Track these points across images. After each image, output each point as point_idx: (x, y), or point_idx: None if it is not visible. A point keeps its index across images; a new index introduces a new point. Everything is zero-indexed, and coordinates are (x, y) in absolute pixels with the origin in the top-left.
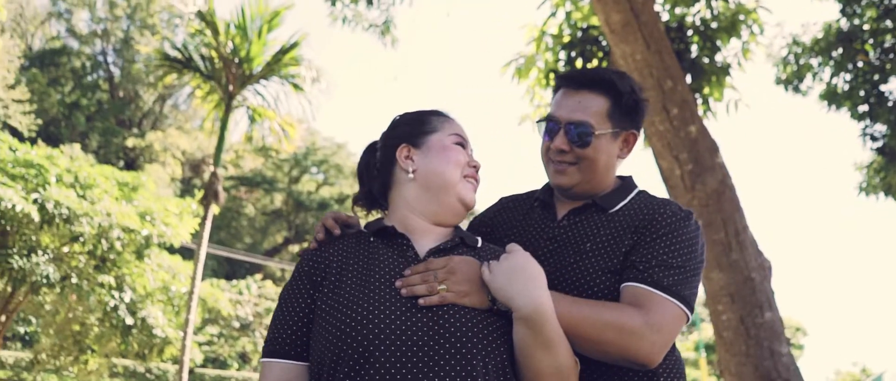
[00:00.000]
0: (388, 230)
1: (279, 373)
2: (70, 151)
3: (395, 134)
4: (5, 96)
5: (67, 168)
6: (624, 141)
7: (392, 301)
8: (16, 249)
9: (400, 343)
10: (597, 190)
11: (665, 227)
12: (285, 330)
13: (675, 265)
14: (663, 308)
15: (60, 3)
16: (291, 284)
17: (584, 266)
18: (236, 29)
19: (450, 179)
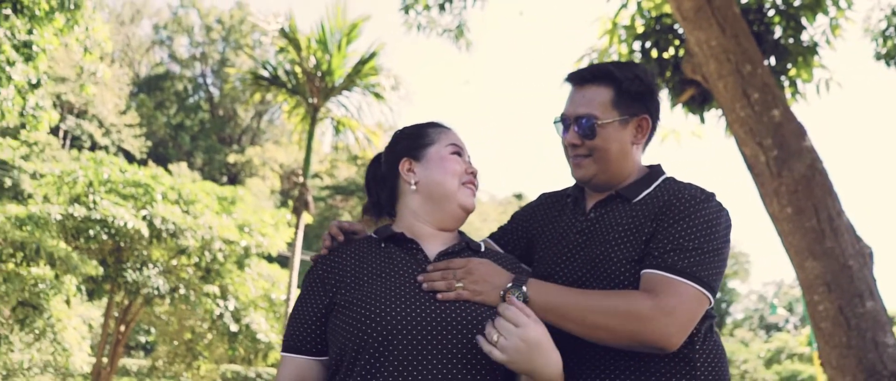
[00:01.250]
0: (398, 237)
1: (296, 366)
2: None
3: (397, 149)
4: (118, 122)
5: (171, 186)
6: (637, 127)
7: (409, 296)
8: (130, 263)
9: (416, 332)
10: (617, 179)
11: (680, 210)
12: (302, 328)
13: (690, 248)
14: (675, 290)
15: (162, 32)
16: (307, 286)
17: (611, 257)
18: (317, 44)
19: (449, 188)
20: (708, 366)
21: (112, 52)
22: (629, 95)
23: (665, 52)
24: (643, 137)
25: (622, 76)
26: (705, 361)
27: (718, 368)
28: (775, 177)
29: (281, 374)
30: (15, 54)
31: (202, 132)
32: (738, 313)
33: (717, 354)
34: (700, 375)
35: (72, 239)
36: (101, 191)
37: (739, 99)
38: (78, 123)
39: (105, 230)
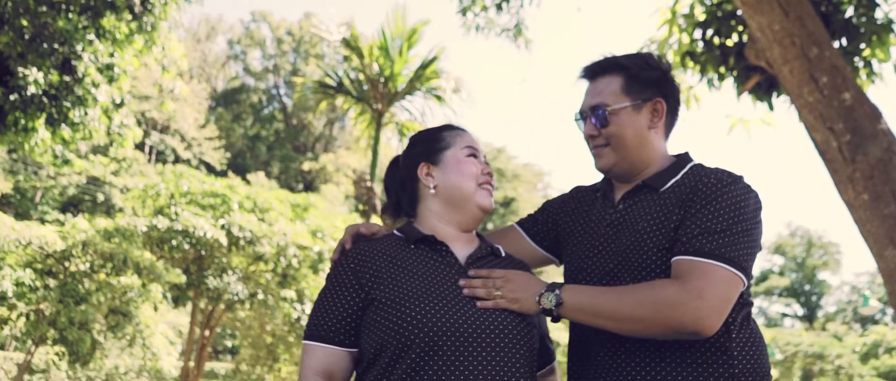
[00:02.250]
0: (429, 239)
1: (325, 355)
2: (255, 180)
3: (414, 153)
4: (198, 135)
5: (247, 195)
6: (652, 111)
7: (454, 299)
8: (210, 271)
9: (464, 333)
10: (638, 166)
11: (707, 194)
12: (331, 318)
13: (717, 230)
14: (704, 273)
15: (236, 47)
16: (337, 279)
17: (641, 247)
18: (379, 50)
19: (467, 190)
20: (745, 355)
21: (189, 69)
22: (640, 81)
23: (727, 39)
24: (659, 121)
25: (630, 63)
26: (742, 350)
27: (756, 357)
28: (849, 163)
29: (308, 363)
30: (99, 77)
31: (277, 142)
32: (829, 306)
33: (754, 342)
34: (737, 364)
35: (157, 249)
36: (181, 202)
37: (807, 83)
38: (161, 138)
39: (187, 240)
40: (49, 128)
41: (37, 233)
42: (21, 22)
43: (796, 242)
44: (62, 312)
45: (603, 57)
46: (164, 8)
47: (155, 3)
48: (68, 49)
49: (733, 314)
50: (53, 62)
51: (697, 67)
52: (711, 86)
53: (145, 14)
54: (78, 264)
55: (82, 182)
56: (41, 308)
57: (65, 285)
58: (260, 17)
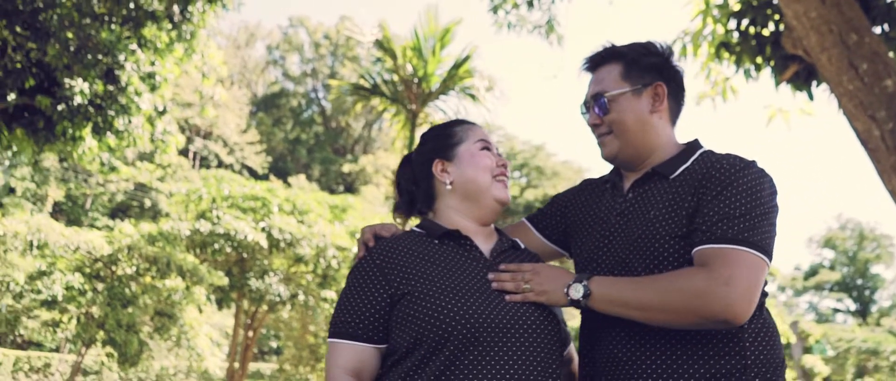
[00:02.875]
0: (453, 234)
1: (355, 353)
2: (296, 183)
3: (427, 150)
4: (240, 140)
5: (286, 198)
6: (653, 95)
7: (485, 293)
8: (252, 272)
9: (500, 326)
10: (643, 152)
11: (721, 181)
12: (359, 315)
13: (737, 215)
14: (729, 259)
15: (275, 52)
16: (363, 276)
17: (652, 235)
18: (412, 51)
19: (483, 184)
20: (758, 345)
21: (230, 75)
22: (640, 66)
23: (763, 28)
24: (661, 105)
25: (629, 50)
26: (755, 339)
27: (769, 347)
28: (892, 151)
29: (337, 361)
30: (142, 85)
31: (317, 145)
32: (884, 301)
33: (767, 332)
34: (749, 354)
35: (200, 252)
36: (223, 206)
37: (846, 71)
38: (205, 143)
39: (228, 243)
40: (95, 136)
41: (85, 238)
42: (66, 34)
43: (847, 235)
44: (110, 314)
45: (602, 47)
46: (203, 16)
47: (193, 12)
48: (112, 59)
49: None
50: (98, 72)
51: (733, 58)
52: (748, 77)
53: (184, 23)
54: (124, 267)
55: (130, 189)
56: (90, 311)
57: (112, 289)
58: (297, 22)
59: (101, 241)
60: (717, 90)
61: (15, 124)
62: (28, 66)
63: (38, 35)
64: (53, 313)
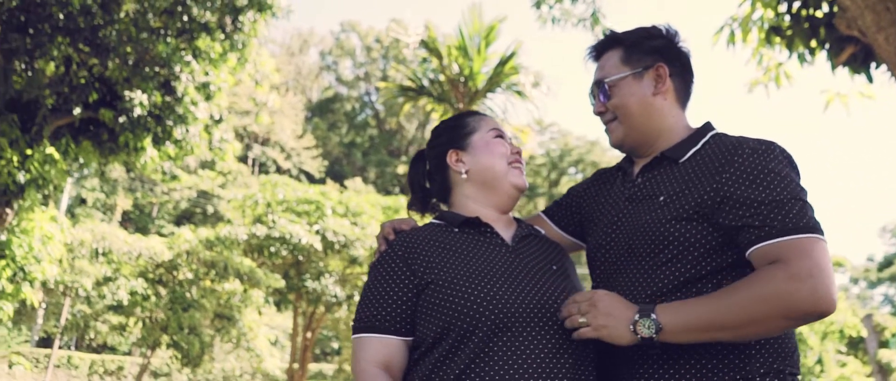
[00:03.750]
0: (473, 221)
1: (384, 346)
2: (353, 185)
3: (441, 142)
4: (297, 145)
5: (339, 200)
6: (655, 77)
7: (511, 279)
8: (309, 274)
9: (530, 312)
10: (650, 137)
11: (752, 168)
12: (385, 308)
13: (781, 200)
14: (802, 251)
15: (328, 58)
16: (385, 267)
17: (659, 220)
18: (457, 50)
19: (499, 170)
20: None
21: (285, 82)
22: (639, 50)
23: (815, 10)
24: (664, 86)
25: (629, 35)
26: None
27: (781, 340)
28: None
29: (365, 355)
30: (197, 95)
31: (372, 147)
32: None
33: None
34: (753, 341)
35: (258, 256)
36: (278, 210)
37: None
38: (263, 150)
39: (284, 246)
40: (155, 146)
41: (146, 245)
42: (125, 49)
43: None
44: (172, 318)
45: (604, 35)
46: (253, 25)
47: (244, 22)
48: (168, 71)
49: None
50: (155, 84)
51: (784, 42)
52: (803, 61)
53: (236, 33)
54: (185, 272)
55: (193, 196)
56: (154, 315)
57: (174, 293)
58: (349, 26)
59: (161, 247)
60: (770, 76)
61: (81, 137)
62: (91, 81)
63: (99, 51)
64: (120, 317)
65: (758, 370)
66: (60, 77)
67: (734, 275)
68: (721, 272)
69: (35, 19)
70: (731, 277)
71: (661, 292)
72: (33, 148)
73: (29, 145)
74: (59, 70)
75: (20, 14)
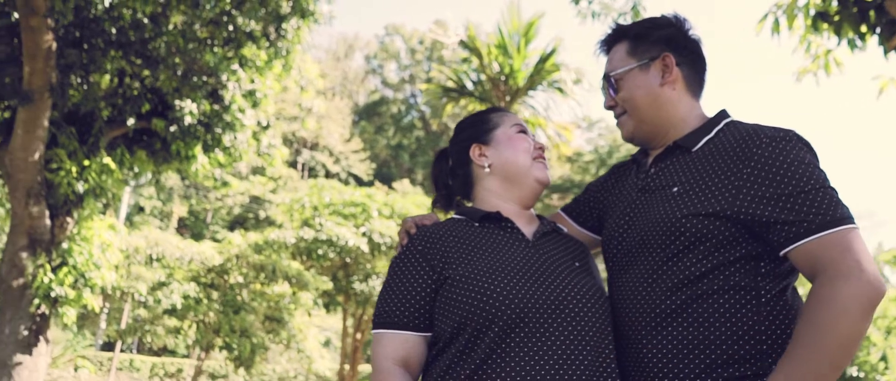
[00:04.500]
0: (493, 216)
1: (402, 342)
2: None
3: (464, 137)
4: (345, 149)
5: (384, 202)
6: (662, 67)
7: (529, 274)
8: (356, 276)
9: (546, 307)
10: (661, 128)
11: (773, 160)
12: (404, 303)
13: (808, 190)
14: (840, 247)
15: (373, 61)
16: (405, 262)
17: (671, 211)
18: (497, 48)
19: (523, 164)
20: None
21: (332, 87)
22: (646, 41)
23: None
24: (671, 76)
25: (633, 26)
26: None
27: (790, 329)
28: None
29: (384, 351)
30: (244, 102)
31: (419, 149)
32: None
33: (788, 315)
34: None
35: (306, 259)
36: (325, 213)
37: None
38: (311, 154)
39: (332, 248)
40: (205, 153)
41: (197, 249)
42: (174, 60)
43: None
44: (224, 321)
45: (611, 28)
46: (297, 32)
47: (287, 29)
48: (216, 80)
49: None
50: (204, 93)
51: (832, 28)
52: (853, 47)
53: (280, 40)
54: (235, 276)
55: (245, 201)
56: (207, 318)
57: (225, 296)
58: (393, 30)
59: (212, 252)
60: (819, 64)
61: (136, 147)
62: (143, 92)
63: (150, 63)
64: (174, 320)
65: (770, 367)
66: (114, 89)
67: (747, 267)
68: (734, 264)
69: (89, 34)
70: (744, 269)
71: (675, 285)
72: (91, 159)
73: (86, 156)
74: (113, 82)
75: (75, 30)
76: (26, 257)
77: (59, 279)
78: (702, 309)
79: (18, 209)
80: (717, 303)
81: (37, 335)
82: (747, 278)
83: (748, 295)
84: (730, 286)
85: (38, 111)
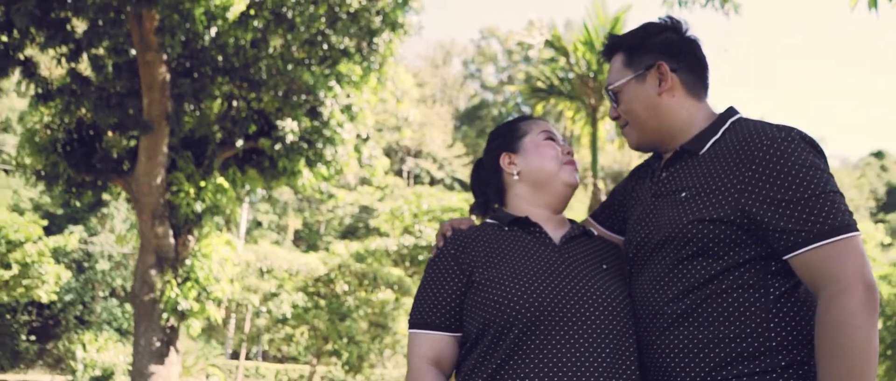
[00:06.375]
0: (522, 220)
1: (434, 342)
2: None
3: (494, 146)
4: (448, 155)
5: None
6: (658, 76)
7: (550, 276)
8: None
9: (563, 310)
10: (665, 136)
11: (775, 163)
12: (436, 305)
13: (808, 197)
14: (834, 259)
15: (471, 66)
16: (438, 265)
17: (679, 217)
18: (583, 45)
19: (550, 169)
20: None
21: (432, 94)
22: (640, 50)
23: None
24: (668, 84)
25: (627, 37)
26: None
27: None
28: None
29: (417, 351)
30: (342, 117)
31: None
32: None
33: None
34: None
35: (410, 265)
36: (424, 220)
37: None
38: (416, 162)
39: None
40: (309, 168)
41: (304, 261)
42: (276, 81)
43: None
44: (331, 328)
45: (607, 39)
46: (389, 45)
47: (378, 43)
48: (314, 98)
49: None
50: (303, 111)
51: None
52: None
53: (372, 54)
54: (341, 284)
55: (355, 211)
56: (316, 326)
57: (331, 304)
58: (488, 33)
59: (317, 262)
60: None
61: (246, 166)
62: (250, 114)
63: (253, 85)
64: (287, 328)
65: (779, 363)
66: (224, 113)
67: (757, 267)
68: (743, 266)
69: (198, 64)
70: (754, 269)
71: (685, 288)
72: (206, 180)
73: (202, 178)
74: (223, 107)
75: (185, 61)
76: (155, 273)
77: (185, 293)
78: (711, 309)
79: (145, 230)
80: (726, 302)
81: (168, 345)
82: (757, 276)
83: (757, 293)
84: (739, 286)
85: (158, 139)
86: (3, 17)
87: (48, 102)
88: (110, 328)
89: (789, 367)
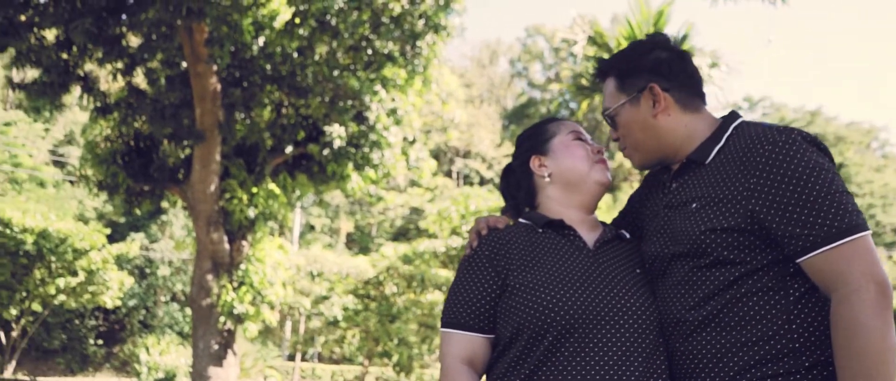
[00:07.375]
0: (556, 223)
1: (467, 342)
2: None
3: (523, 149)
4: (497, 154)
5: None
6: (651, 98)
7: (585, 281)
8: None
9: (598, 316)
10: (666, 153)
11: (778, 166)
12: (469, 305)
13: (815, 198)
14: (843, 260)
15: (517, 65)
16: (473, 266)
17: (692, 227)
18: (626, 41)
19: (581, 169)
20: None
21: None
22: (631, 73)
23: None
24: (661, 105)
25: (616, 60)
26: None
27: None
28: None
29: (450, 350)
30: (388, 120)
31: None
32: None
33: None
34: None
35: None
36: (471, 221)
37: None
38: (465, 162)
39: None
40: (357, 172)
41: (353, 264)
42: (322, 88)
43: None
44: (381, 330)
45: (597, 63)
46: (432, 48)
47: (422, 47)
48: (360, 103)
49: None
50: (350, 116)
51: None
52: None
53: (416, 57)
54: (390, 286)
55: (406, 213)
56: (366, 328)
57: (381, 306)
58: (534, 31)
59: (366, 265)
60: None
61: (296, 171)
62: (298, 120)
63: (300, 92)
64: (339, 330)
65: (803, 364)
66: (273, 121)
67: (775, 270)
68: (761, 270)
69: (247, 73)
70: (772, 272)
71: (704, 296)
72: (258, 186)
73: (254, 184)
74: (272, 115)
75: (235, 71)
76: (211, 278)
77: (240, 297)
78: (733, 314)
79: (201, 236)
80: (747, 306)
81: (225, 348)
82: (776, 279)
83: (777, 295)
84: (759, 289)
85: (211, 147)
86: (63, 35)
87: (107, 115)
88: (172, 332)
89: (813, 367)
